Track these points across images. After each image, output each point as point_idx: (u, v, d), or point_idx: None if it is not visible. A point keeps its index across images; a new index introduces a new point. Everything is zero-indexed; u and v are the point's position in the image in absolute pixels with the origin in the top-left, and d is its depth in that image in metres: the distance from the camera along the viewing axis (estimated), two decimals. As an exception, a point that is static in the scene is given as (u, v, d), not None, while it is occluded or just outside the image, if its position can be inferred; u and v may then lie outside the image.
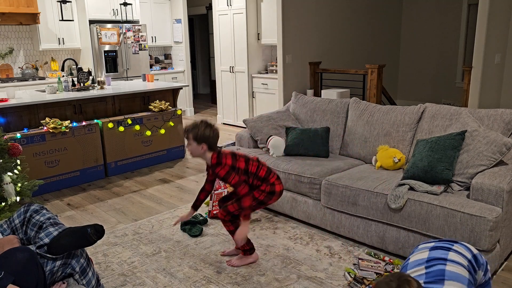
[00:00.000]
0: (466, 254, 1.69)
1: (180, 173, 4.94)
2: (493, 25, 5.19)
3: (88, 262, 2.31)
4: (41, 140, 4.23)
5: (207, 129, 2.58)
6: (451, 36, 7.96)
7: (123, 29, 7.21)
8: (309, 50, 6.49)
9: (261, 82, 6.87)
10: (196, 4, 9.95)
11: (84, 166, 4.61)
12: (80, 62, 7.24)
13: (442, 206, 2.61)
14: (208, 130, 2.58)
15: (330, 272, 2.77)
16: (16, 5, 6.12)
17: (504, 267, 2.80)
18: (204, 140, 2.58)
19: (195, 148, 2.61)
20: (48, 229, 2.23)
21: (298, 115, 4.19)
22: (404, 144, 3.43)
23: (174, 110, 5.36)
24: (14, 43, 6.70)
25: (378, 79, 5.59)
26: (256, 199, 2.68)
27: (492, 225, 2.44)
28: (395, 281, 1.44)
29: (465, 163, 2.82)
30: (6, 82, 6.24)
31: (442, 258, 1.66)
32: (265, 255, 3.00)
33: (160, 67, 8.38)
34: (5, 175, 3.23)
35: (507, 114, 3.04)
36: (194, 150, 2.63)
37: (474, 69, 5.24)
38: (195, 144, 2.60)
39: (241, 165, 2.64)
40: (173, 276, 2.76)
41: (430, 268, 1.64)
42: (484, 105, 5.34)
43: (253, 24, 6.86)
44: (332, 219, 3.20)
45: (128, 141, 4.96)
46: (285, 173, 3.44)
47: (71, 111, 4.69)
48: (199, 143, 2.59)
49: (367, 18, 7.53)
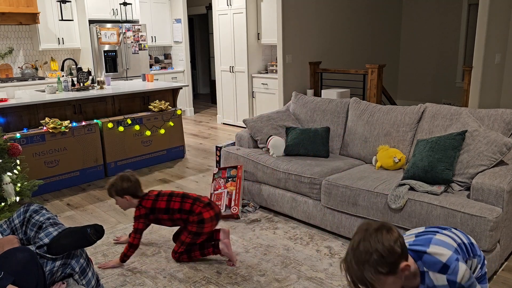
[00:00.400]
0: (462, 237, 1.69)
1: (180, 173, 4.94)
2: (494, 25, 5.18)
3: (88, 262, 2.30)
4: (41, 140, 4.23)
5: (124, 182, 2.79)
6: (451, 36, 7.96)
7: (123, 29, 7.21)
8: (309, 50, 6.48)
9: (261, 82, 6.86)
10: (196, 4, 9.95)
11: (84, 166, 4.60)
12: (80, 62, 7.23)
13: (442, 206, 2.61)
14: (125, 183, 2.79)
15: (330, 272, 2.76)
16: (16, 5, 6.11)
17: (505, 267, 2.80)
18: (125, 192, 2.79)
19: (121, 201, 2.84)
20: (47, 229, 2.23)
21: (298, 115, 4.19)
22: (404, 144, 3.42)
23: (174, 110, 5.36)
24: (14, 43, 6.70)
25: (378, 79, 5.58)
26: (190, 232, 2.82)
27: (493, 225, 2.44)
28: (378, 224, 1.46)
29: (466, 163, 2.81)
30: (5, 82, 6.24)
31: (434, 231, 1.66)
32: (265, 255, 2.99)
33: (160, 67, 8.38)
34: (5, 175, 3.22)
35: (508, 114, 3.04)
36: (122, 203, 2.85)
37: (474, 69, 5.24)
38: (120, 199, 2.82)
39: (162, 205, 2.82)
40: (173, 276, 2.76)
41: (419, 236, 1.64)
42: (484, 105, 5.34)
43: (253, 24, 6.86)
44: (332, 219, 3.20)
45: (128, 141, 4.96)
46: (285, 173, 3.44)
47: (70, 111, 4.68)
48: (122, 197, 2.81)
49: (367, 18, 7.53)
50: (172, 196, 2.86)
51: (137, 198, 2.84)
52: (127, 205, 2.86)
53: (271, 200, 3.63)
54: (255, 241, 3.20)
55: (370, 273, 1.40)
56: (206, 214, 2.80)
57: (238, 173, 3.70)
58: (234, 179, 3.70)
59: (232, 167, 3.78)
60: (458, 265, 1.48)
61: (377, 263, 1.39)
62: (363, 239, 1.43)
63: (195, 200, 2.85)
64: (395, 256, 1.41)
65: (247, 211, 3.72)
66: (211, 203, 2.88)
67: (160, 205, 2.82)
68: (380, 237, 1.42)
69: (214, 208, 2.87)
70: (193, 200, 2.84)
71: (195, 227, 2.80)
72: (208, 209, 2.82)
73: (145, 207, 2.82)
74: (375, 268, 1.40)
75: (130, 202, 2.83)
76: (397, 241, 1.42)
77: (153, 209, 2.82)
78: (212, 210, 2.84)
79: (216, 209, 2.89)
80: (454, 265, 1.48)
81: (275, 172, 3.52)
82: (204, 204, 2.84)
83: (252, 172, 3.73)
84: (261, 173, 3.65)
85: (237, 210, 3.55)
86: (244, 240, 3.21)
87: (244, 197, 3.86)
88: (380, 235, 1.42)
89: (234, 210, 3.55)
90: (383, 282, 1.42)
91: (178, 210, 2.81)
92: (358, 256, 1.42)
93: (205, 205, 2.84)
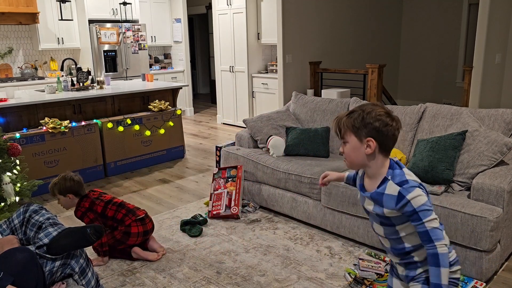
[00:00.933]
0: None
1: (179, 173, 4.93)
2: (494, 25, 5.18)
3: (88, 263, 2.30)
4: (41, 140, 4.22)
5: (68, 182, 2.90)
6: (452, 36, 7.96)
7: (123, 29, 7.20)
8: (309, 50, 6.48)
9: (261, 82, 6.86)
10: (196, 3, 9.94)
11: (83, 166, 4.60)
12: (80, 62, 7.23)
13: (442, 206, 2.60)
14: (68, 182, 2.90)
15: (330, 272, 2.76)
16: (16, 4, 6.11)
17: (505, 267, 2.80)
18: (68, 191, 2.90)
19: (64, 200, 2.93)
20: (47, 229, 2.22)
21: (298, 115, 4.18)
22: (405, 144, 3.42)
23: (174, 110, 5.35)
24: (14, 42, 6.69)
25: (379, 79, 5.58)
26: (114, 237, 2.91)
27: (493, 226, 2.44)
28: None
29: (466, 163, 2.81)
30: (5, 82, 6.23)
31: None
32: (265, 255, 2.99)
33: (159, 67, 8.37)
34: (5, 175, 3.22)
35: (508, 114, 3.03)
36: (64, 202, 2.94)
37: (475, 69, 5.24)
38: (63, 197, 2.91)
39: (98, 209, 2.92)
40: (173, 276, 2.75)
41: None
42: (484, 105, 5.33)
43: (253, 24, 6.85)
44: (333, 219, 3.20)
45: (128, 141, 4.95)
46: (285, 173, 3.43)
47: (70, 111, 4.68)
48: (65, 195, 2.91)
49: (368, 17, 7.53)
50: (109, 203, 2.96)
51: (79, 197, 2.95)
52: (69, 204, 2.95)
53: (271, 200, 3.63)
54: (255, 241, 3.19)
55: (347, 122, 1.54)
56: (134, 229, 2.90)
57: (238, 173, 3.70)
58: (234, 179, 3.70)
59: (232, 167, 3.77)
60: (416, 189, 1.48)
61: (357, 119, 1.52)
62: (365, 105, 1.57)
63: (129, 211, 2.95)
64: (369, 124, 1.50)
65: (247, 211, 3.71)
66: (144, 219, 2.95)
67: (96, 209, 2.92)
68: (376, 109, 1.52)
69: (146, 225, 2.94)
70: (126, 211, 2.94)
71: (120, 235, 2.90)
72: (138, 224, 2.91)
73: (84, 207, 2.92)
74: (353, 121, 1.53)
75: (73, 200, 2.94)
76: (380, 119, 1.50)
77: (91, 210, 2.92)
78: (142, 226, 2.92)
79: (148, 226, 2.96)
80: (412, 184, 1.49)
81: (275, 172, 3.52)
82: (137, 218, 2.92)
83: (252, 172, 3.72)
84: (261, 173, 3.64)
85: (237, 210, 3.55)
86: (244, 240, 3.21)
87: (244, 197, 3.86)
88: (377, 110, 1.52)
89: (234, 210, 3.55)
90: (348, 136, 1.55)
91: (111, 218, 2.92)
92: (355, 110, 1.55)
93: (138, 219, 2.92)
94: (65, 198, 2.92)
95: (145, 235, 2.95)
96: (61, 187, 2.89)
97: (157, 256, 2.96)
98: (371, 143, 1.52)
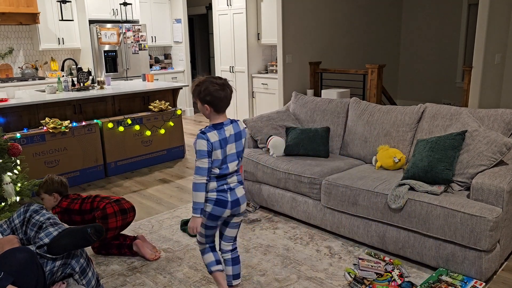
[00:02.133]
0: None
1: (180, 173, 4.94)
2: (493, 25, 5.18)
3: (88, 262, 2.31)
4: (41, 140, 4.23)
5: (55, 182, 3.01)
6: (451, 36, 7.96)
7: (123, 29, 7.21)
8: (309, 50, 6.48)
9: (261, 82, 6.86)
10: (196, 4, 9.94)
11: (84, 166, 4.60)
12: (80, 62, 7.24)
13: (442, 206, 2.61)
14: (56, 182, 3.02)
15: (330, 272, 2.76)
16: (16, 5, 6.11)
17: (505, 267, 2.80)
18: (54, 190, 3.00)
19: (49, 199, 3.01)
20: (48, 229, 2.23)
21: (298, 115, 4.19)
22: (404, 144, 3.42)
23: (174, 110, 5.36)
24: (14, 43, 6.70)
25: (378, 79, 5.58)
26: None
27: (493, 225, 2.44)
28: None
29: (465, 163, 2.81)
30: (6, 82, 6.24)
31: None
32: (265, 255, 2.99)
33: (160, 67, 8.38)
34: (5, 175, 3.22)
35: (507, 114, 3.04)
36: (49, 201, 3.01)
37: (474, 69, 5.24)
38: (48, 196, 3.00)
39: (76, 206, 2.98)
40: (173, 276, 2.76)
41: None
42: (484, 105, 5.33)
43: (253, 24, 6.86)
44: (332, 219, 3.20)
45: (128, 141, 4.96)
46: (285, 173, 3.44)
47: (71, 111, 4.68)
48: (50, 194, 3.00)
49: (368, 17, 7.53)
50: (86, 199, 3.02)
51: (62, 197, 3.04)
52: (52, 203, 3.01)
53: (271, 200, 3.63)
54: (255, 241, 3.20)
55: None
56: (109, 209, 2.90)
57: (238, 173, 3.70)
58: (234, 179, 3.70)
59: (232, 167, 3.77)
60: (201, 137, 2.24)
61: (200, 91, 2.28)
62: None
63: (104, 198, 3.01)
64: (212, 92, 2.36)
65: (247, 211, 3.72)
66: (120, 200, 2.99)
67: (74, 207, 2.98)
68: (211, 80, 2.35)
69: (121, 204, 2.96)
70: (101, 198, 3.01)
71: (100, 222, 2.88)
72: (113, 204, 2.93)
73: (60, 207, 2.98)
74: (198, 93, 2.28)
75: (56, 200, 3.02)
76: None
77: (68, 210, 2.97)
78: (117, 205, 2.94)
79: (124, 205, 2.97)
80: (207, 130, 2.27)
81: (275, 172, 3.52)
82: (111, 200, 2.96)
83: (252, 172, 3.73)
84: (261, 173, 3.65)
85: (237, 210, 3.55)
86: (244, 240, 3.21)
87: (244, 197, 3.86)
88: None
89: (234, 210, 3.55)
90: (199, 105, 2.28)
91: (89, 210, 2.96)
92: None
93: (112, 201, 2.95)
94: (50, 197, 2.99)
95: (122, 213, 2.94)
96: (49, 187, 2.99)
97: (154, 256, 2.96)
98: (207, 108, 2.30)
